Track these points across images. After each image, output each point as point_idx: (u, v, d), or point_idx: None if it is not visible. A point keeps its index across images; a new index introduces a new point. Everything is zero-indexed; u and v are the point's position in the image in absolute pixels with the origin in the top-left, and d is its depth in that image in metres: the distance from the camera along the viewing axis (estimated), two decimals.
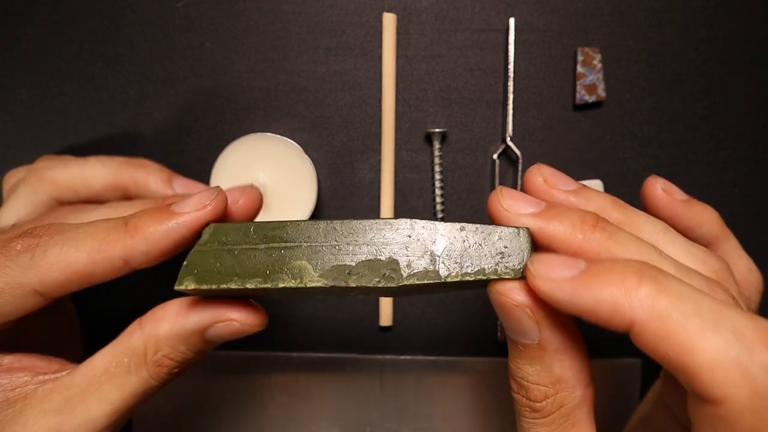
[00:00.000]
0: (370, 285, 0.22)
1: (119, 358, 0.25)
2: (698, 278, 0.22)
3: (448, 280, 0.22)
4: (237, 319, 0.24)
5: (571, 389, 0.22)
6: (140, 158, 0.34)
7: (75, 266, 0.24)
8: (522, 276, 0.22)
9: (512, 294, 0.22)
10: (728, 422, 0.18)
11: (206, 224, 0.24)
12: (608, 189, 0.42)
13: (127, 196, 0.34)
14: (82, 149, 0.41)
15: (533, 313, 0.21)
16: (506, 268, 0.22)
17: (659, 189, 0.29)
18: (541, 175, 0.25)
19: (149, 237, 0.24)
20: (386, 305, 0.42)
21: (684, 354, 0.18)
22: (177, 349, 0.25)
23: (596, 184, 0.41)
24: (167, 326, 0.24)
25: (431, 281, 0.22)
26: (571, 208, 0.23)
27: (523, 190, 0.26)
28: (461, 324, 0.42)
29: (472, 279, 0.22)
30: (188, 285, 0.23)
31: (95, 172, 0.33)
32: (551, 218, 0.22)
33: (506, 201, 0.23)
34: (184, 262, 0.23)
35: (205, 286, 0.23)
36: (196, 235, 0.24)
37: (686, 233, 0.29)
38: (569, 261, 0.21)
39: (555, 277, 0.20)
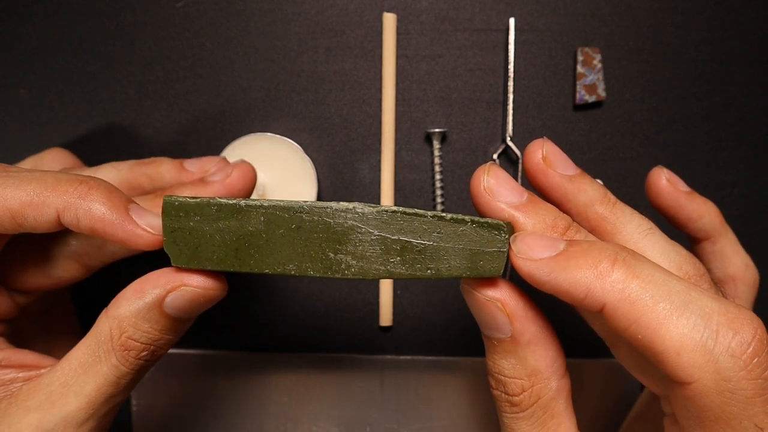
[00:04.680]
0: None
1: (91, 348, 0.24)
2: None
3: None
4: (190, 284, 0.24)
5: (547, 380, 0.22)
6: (150, 158, 0.35)
7: (11, 203, 0.25)
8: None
9: (483, 289, 0.22)
10: (697, 402, 0.19)
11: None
12: (608, 189, 0.42)
13: (143, 194, 0.34)
14: (82, 149, 0.41)
15: (504, 307, 0.22)
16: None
17: (663, 179, 0.29)
18: (543, 152, 0.25)
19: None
20: (386, 305, 0.42)
21: (652, 337, 0.19)
22: (140, 328, 0.24)
23: None
24: (126, 304, 0.24)
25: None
26: (548, 209, 0.23)
27: (524, 183, 0.26)
28: (461, 324, 0.42)
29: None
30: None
31: (109, 176, 0.33)
32: (526, 214, 0.23)
33: (490, 181, 0.23)
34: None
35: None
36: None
37: (687, 224, 0.30)
38: (549, 241, 0.21)
39: (535, 256, 0.21)
